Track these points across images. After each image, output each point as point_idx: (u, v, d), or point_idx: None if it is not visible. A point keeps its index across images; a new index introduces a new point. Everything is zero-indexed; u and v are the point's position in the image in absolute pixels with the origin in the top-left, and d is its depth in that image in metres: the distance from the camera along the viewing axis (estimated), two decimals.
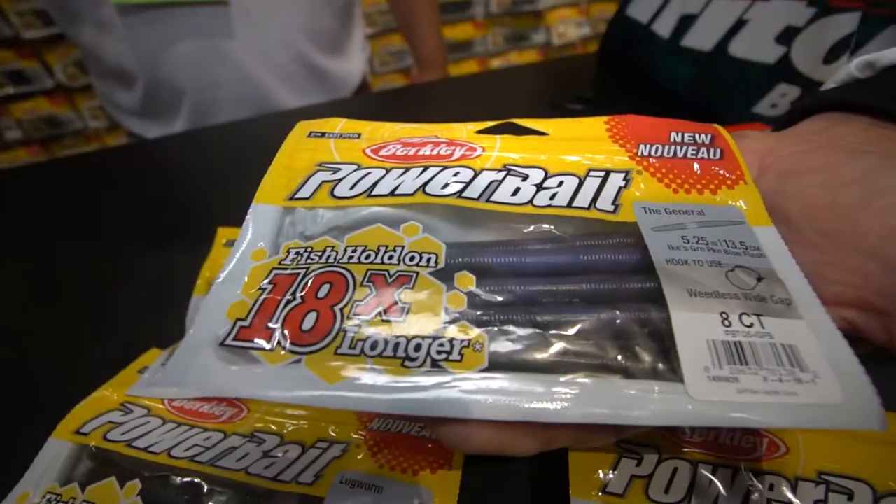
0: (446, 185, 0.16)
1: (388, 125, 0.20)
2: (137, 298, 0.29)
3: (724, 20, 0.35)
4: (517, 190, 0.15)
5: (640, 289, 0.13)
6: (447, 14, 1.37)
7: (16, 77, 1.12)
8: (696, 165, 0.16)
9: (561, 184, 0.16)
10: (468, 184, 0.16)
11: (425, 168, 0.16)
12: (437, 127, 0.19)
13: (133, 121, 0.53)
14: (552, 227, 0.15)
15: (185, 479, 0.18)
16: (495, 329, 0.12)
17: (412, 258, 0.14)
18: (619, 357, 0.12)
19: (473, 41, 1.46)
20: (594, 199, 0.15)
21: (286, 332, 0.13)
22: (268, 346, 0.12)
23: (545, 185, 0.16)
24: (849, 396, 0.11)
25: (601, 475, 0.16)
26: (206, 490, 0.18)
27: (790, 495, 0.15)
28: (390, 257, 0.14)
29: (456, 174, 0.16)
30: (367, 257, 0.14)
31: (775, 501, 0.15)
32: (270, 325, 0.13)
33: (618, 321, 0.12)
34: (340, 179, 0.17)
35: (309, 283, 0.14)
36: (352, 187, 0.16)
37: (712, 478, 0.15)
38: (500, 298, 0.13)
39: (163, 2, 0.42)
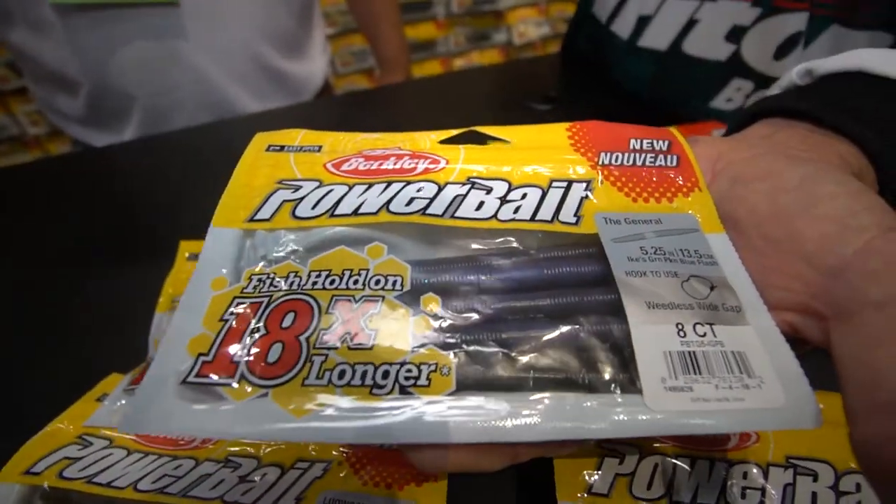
0: (410, 202, 0.15)
1: (350, 136, 0.19)
2: (94, 319, 0.27)
3: (676, 20, 0.37)
4: (481, 204, 0.16)
5: (601, 301, 0.14)
6: (408, 14, 1.36)
7: None
8: (653, 173, 0.16)
9: (524, 196, 0.16)
10: (432, 200, 0.16)
11: (389, 184, 0.16)
12: (399, 137, 0.19)
13: (78, 128, 0.49)
14: (515, 241, 0.16)
15: None
16: (462, 351, 0.13)
17: (377, 282, 0.14)
18: (583, 371, 0.12)
19: (435, 41, 1.46)
20: (557, 212, 0.15)
21: (251, 366, 0.12)
22: (232, 382, 0.12)
23: (509, 197, 0.16)
24: (790, 399, 0.11)
25: (586, 476, 0.16)
26: None
27: (762, 481, 0.16)
28: (355, 282, 0.14)
29: (419, 189, 0.16)
30: (332, 282, 0.14)
31: (749, 488, 0.15)
32: (234, 359, 0.12)
33: (580, 336, 0.13)
34: (302, 198, 0.16)
35: (273, 312, 0.13)
36: (313, 206, 0.16)
37: (691, 471, 0.16)
38: (465, 319, 0.13)
39: (106, 1, 0.39)
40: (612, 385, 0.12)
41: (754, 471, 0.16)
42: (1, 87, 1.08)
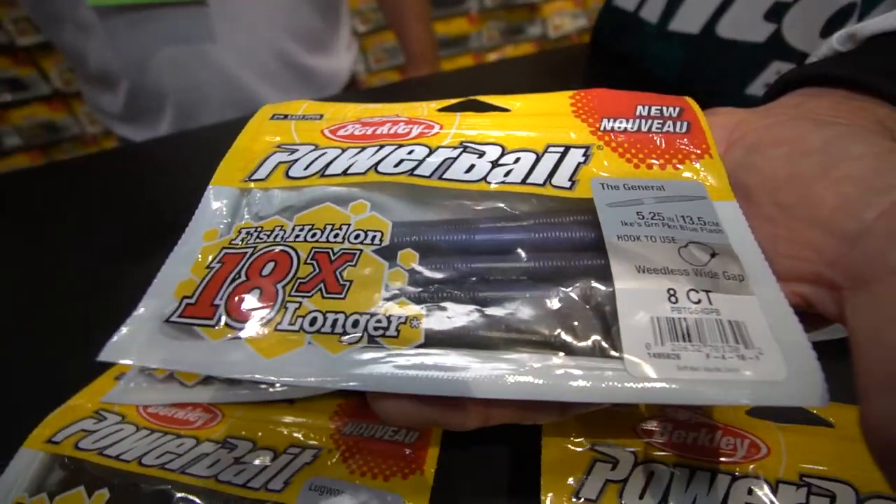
0: (399, 163, 0.15)
1: (352, 106, 0.19)
2: (122, 305, 0.29)
3: (710, 1, 0.34)
4: (471, 167, 0.15)
5: (588, 265, 0.13)
6: (441, 9, 1.36)
7: (12, 84, 1.12)
8: (660, 139, 0.15)
9: (517, 160, 0.15)
10: (421, 161, 0.15)
11: (380, 147, 0.16)
12: (399, 106, 0.19)
13: (119, 125, 0.52)
14: (505, 205, 0.15)
15: (155, 488, 0.18)
16: (434, 306, 0.12)
17: (357, 236, 0.14)
18: (562, 334, 0.12)
19: (468, 36, 1.45)
20: (550, 176, 0.15)
21: (229, 310, 0.13)
22: (211, 323, 0.13)
23: (501, 161, 0.15)
24: (792, 373, 0.10)
25: (573, 481, 0.15)
26: (175, 498, 0.18)
27: (771, 498, 0.14)
28: (336, 235, 0.14)
29: (410, 152, 0.16)
30: (313, 236, 0.14)
31: None
32: (215, 302, 0.13)
33: (561, 298, 0.12)
34: (296, 160, 0.17)
35: (254, 262, 0.14)
36: (306, 167, 0.16)
37: (689, 482, 0.15)
38: (441, 275, 0.13)
39: (138, 3, 0.42)
40: (592, 349, 0.11)
41: (762, 487, 0.14)
42: (66, 90, 1.18)
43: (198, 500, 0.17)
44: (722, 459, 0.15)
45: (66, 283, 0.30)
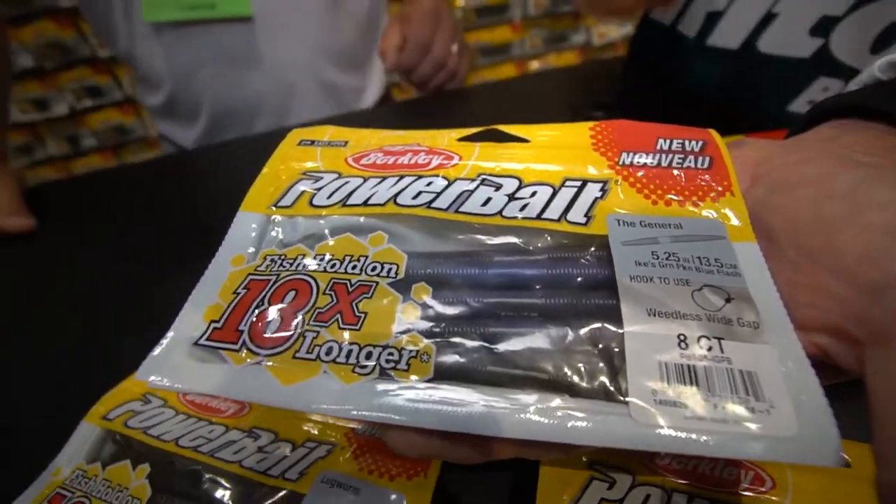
0: (418, 195, 0.16)
1: (376, 133, 0.20)
2: (171, 302, 0.31)
3: (751, 15, 0.33)
4: (488, 200, 0.15)
5: (599, 305, 0.13)
6: (484, 17, 1.37)
7: (92, 91, 1.25)
8: (680, 175, 0.15)
9: (534, 194, 0.15)
10: (439, 194, 0.16)
11: (400, 177, 0.17)
12: (420, 134, 0.19)
13: (159, 120, 0.57)
14: (519, 239, 0.15)
15: (188, 467, 0.20)
16: (444, 341, 0.13)
17: (374, 268, 0.14)
18: (568, 374, 0.12)
19: (511, 44, 1.45)
20: (566, 211, 0.15)
21: (252, 336, 0.13)
22: (235, 347, 0.13)
23: (517, 195, 0.15)
24: (804, 428, 0.10)
25: (568, 497, 0.15)
26: (204, 478, 0.19)
27: None
28: (354, 267, 0.15)
29: (429, 184, 0.16)
30: (333, 266, 0.15)
31: None
32: (240, 327, 0.14)
33: (570, 338, 0.12)
34: (320, 188, 0.17)
35: (277, 289, 0.14)
36: (329, 196, 0.17)
37: None
38: (453, 311, 0.13)
39: (191, 19, 0.45)
40: (598, 391, 0.11)
41: None
42: (135, 96, 1.29)
43: (223, 482, 0.19)
44: (722, 489, 0.15)
45: (121, 282, 0.33)
